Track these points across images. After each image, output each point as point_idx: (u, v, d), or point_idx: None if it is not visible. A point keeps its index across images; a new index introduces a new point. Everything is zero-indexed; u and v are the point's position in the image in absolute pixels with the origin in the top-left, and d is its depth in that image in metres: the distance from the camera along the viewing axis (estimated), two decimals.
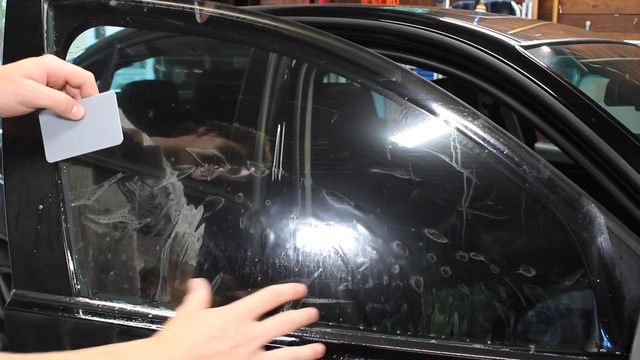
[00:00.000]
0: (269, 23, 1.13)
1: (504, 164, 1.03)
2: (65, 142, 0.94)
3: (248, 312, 0.86)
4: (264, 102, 1.24)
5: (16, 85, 0.87)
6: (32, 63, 0.90)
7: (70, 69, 0.92)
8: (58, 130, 0.95)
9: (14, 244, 1.16)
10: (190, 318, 0.85)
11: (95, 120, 0.93)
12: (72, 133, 0.94)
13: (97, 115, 0.93)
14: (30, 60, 0.90)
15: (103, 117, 0.93)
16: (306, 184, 1.15)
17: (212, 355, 0.80)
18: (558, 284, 1.03)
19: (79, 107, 0.92)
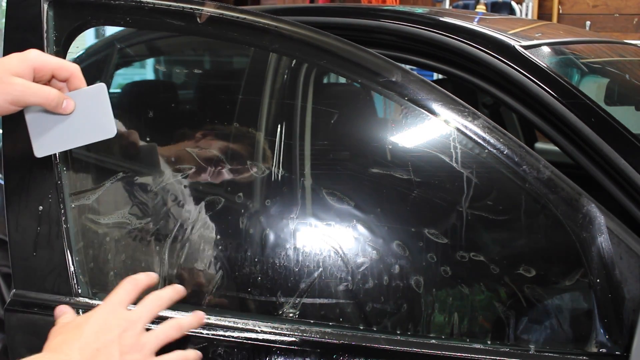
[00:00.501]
0: (269, 23, 1.13)
1: (504, 164, 1.03)
2: (54, 136, 0.92)
3: (119, 302, 0.92)
4: (264, 102, 1.24)
5: (4, 84, 0.86)
6: (18, 60, 0.88)
7: (56, 63, 0.91)
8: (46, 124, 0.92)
9: (14, 244, 1.16)
10: (70, 325, 0.91)
11: (85, 113, 0.91)
12: (61, 127, 0.91)
13: (88, 108, 0.91)
14: (16, 57, 0.89)
15: (94, 109, 0.91)
16: (306, 184, 1.15)
17: (104, 346, 0.85)
18: (558, 284, 1.03)
19: (69, 101, 0.91)
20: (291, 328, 1.06)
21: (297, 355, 1.03)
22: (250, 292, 1.12)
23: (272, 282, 1.10)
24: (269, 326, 1.06)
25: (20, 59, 0.88)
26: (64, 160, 1.15)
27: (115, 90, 1.70)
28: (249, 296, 1.12)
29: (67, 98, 0.91)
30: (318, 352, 1.03)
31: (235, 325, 1.07)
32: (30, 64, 0.88)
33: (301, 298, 1.09)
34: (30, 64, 0.88)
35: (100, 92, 0.92)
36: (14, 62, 0.87)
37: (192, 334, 1.08)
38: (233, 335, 1.06)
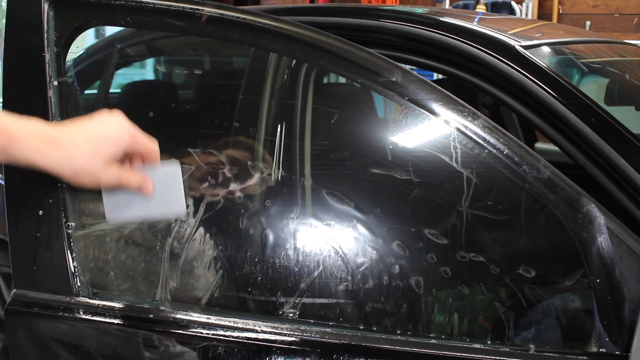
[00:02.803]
0: (269, 23, 1.13)
1: (504, 164, 1.03)
2: (126, 206, 0.92)
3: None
4: (264, 102, 1.24)
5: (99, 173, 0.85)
6: (113, 145, 0.86)
7: (144, 147, 0.90)
8: (119, 193, 0.92)
9: (14, 244, 1.16)
10: None
11: (158, 189, 0.92)
12: (134, 198, 0.92)
13: (160, 184, 0.92)
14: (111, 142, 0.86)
15: (167, 186, 0.92)
16: (306, 184, 1.15)
17: None
18: (558, 284, 1.03)
19: (149, 184, 0.90)
20: (291, 328, 1.06)
21: (297, 355, 1.03)
22: (250, 292, 1.12)
23: (272, 282, 1.10)
24: (269, 326, 1.06)
25: (116, 145, 0.86)
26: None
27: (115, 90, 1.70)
28: (249, 296, 1.12)
29: (147, 182, 0.90)
30: (318, 352, 1.03)
31: (235, 325, 1.07)
32: (123, 148, 0.87)
33: (301, 298, 1.09)
34: (123, 147, 0.87)
35: (174, 172, 0.93)
36: (109, 148, 0.85)
37: (192, 334, 1.08)
38: (233, 335, 1.06)
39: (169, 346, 1.09)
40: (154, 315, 1.10)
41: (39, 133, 0.82)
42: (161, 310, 1.11)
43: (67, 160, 0.83)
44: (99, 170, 0.84)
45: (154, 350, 1.10)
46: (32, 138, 0.82)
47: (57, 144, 0.82)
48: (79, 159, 0.83)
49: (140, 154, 0.90)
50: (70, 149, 0.83)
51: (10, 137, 0.80)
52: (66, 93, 1.16)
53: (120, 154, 0.87)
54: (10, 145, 0.80)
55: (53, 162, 0.82)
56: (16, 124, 0.82)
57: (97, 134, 0.85)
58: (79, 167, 0.83)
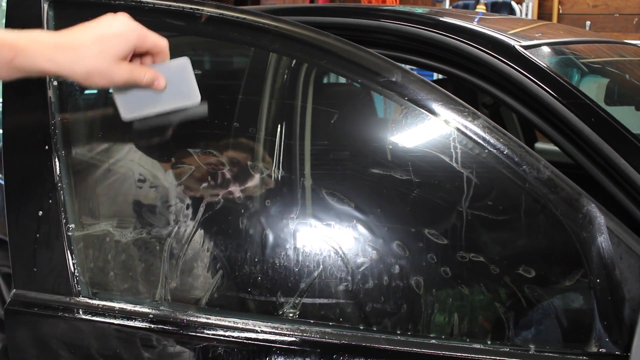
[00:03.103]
0: (269, 23, 1.13)
1: (504, 164, 1.03)
2: (139, 100, 0.92)
3: None
4: (264, 102, 1.24)
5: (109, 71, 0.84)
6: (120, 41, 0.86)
7: (152, 42, 0.90)
8: (130, 90, 0.92)
9: (14, 244, 1.16)
10: None
11: (171, 83, 0.92)
12: (146, 93, 0.92)
13: (173, 78, 0.92)
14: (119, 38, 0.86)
15: (179, 80, 0.93)
16: (306, 184, 1.15)
17: None
18: (558, 284, 1.03)
19: (161, 79, 0.90)
20: (291, 328, 1.06)
21: (297, 355, 1.03)
22: (250, 292, 1.12)
23: (272, 282, 1.10)
24: (269, 326, 1.06)
25: (125, 42, 0.86)
26: (64, 160, 1.15)
27: None
28: (249, 296, 1.12)
29: (159, 76, 0.90)
30: (318, 352, 1.03)
31: (235, 325, 1.07)
32: (132, 45, 0.87)
33: (301, 298, 1.09)
34: (132, 44, 0.87)
35: (185, 66, 0.94)
36: (118, 46, 0.85)
37: (192, 334, 1.08)
38: (233, 335, 1.06)
39: (168, 346, 1.09)
40: (154, 316, 1.10)
41: (44, 40, 0.82)
42: (161, 310, 1.11)
43: (77, 62, 0.82)
44: (110, 68, 0.84)
45: (154, 351, 1.10)
46: (38, 46, 0.81)
47: (65, 47, 0.82)
48: (89, 59, 0.82)
49: (150, 52, 0.90)
50: (79, 49, 0.82)
51: (14, 49, 0.79)
52: (66, 93, 1.16)
53: (129, 51, 0.86)
54: (16, 57, 0.79)
55: (63, 66, 0.82)
56: (18, 35, 0.81)
57: (104, 32, 0.85)
58: (90, 67, 0.83)
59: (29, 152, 1.15)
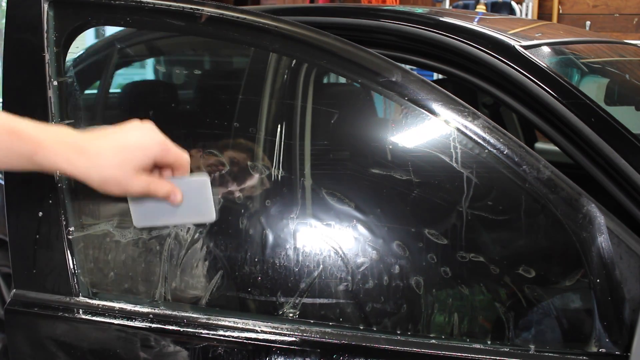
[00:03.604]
0: (269, 23, 1.13)
1: (504, 164, 1.03)
2: (153, 210, 0.91)
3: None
4: (264, 102, 1.24)
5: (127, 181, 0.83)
6: (142, 154, 0.84)
7: (174, 158, 0.88)
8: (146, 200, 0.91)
9: (14, 244, 1.16)
10: None
11: (187, 198, 0.90)
12: (162, 204, 0.91)
13: (190, 193, 0.90)
14: (141, 151, 0.84)
15: (195, 196, 0.91)
16: (306, 184, 1.15)
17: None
18: (558, 284, 1.03)
19: (177, 193, 0.88)
20: (291, 328, 1.06)
21: (297, 355, 1.03)
22: (250, 292, 1.12)
23: (272, 282, 1.10)
24: (269, 326, 1.06)
25: (145, 154, 0.84)
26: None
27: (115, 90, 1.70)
28: (249, 296, 1.12)
29: (176, 191, 0.88)
30: (318, 352, 1.03)
31: (235, 325, 1.07)
32: (153, 158, 0.85)
33: (301, 298, 1.09)
34: (153, 157, 0.85)
35: (203, 183, 0.92)
36: (138, 157, 0.84)
37: (192, 334, 1.08)
38: (233, 335, 1.06)
39: (168, 346, 1.09)
40: (154, 316, 1.10)
41: (66, 141, 0.81)
42: (161, 310, 1.11)
43: (95, 169, 0.82)
44: (128, 179, 0.83)
45: (154, 351, 1.10)
46: (60, 146, 0.81)
47: (85, 152, 0.81)
48: (107, 168, 0.82)
49: (170, 165, 0.88)
50: (99, 157, 0.82)
51: (37, 145, 0.79)
52: (66, 93, 1.16)
53: (149, 164, 0.85)
54: (37, 153, 0.80)
55: (81, 170, 0.81)
56: (43, 131, 0.81)
57: (126, 142, 0.84)
58: (107, 176, 0.82)
59: None
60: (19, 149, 0.79)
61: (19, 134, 0.79)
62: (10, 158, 0.80)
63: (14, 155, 0.80)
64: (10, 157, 0.80)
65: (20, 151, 0.79)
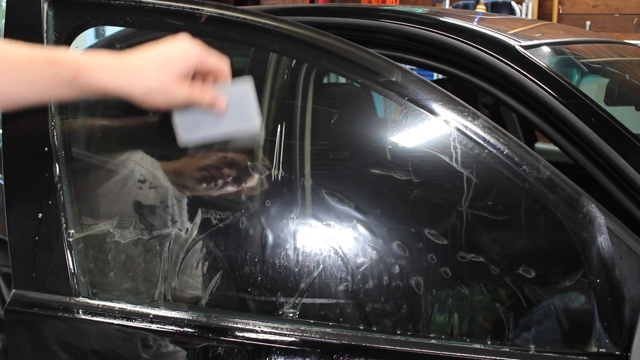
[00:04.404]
0: (269, 23, 1.13)
1: (504, 164, 1.03)
2: (198, 125, 0.90)
3: None
4: (264, 102, 1.24)
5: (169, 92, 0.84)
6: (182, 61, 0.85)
7: (213, 63, 0.88)
8: (190, 114, 0.91)
9: (14, 244, 1.16)
10: None
11: (231, 106, 0.90)
12: (206, 117, 0.90)
13: (234, 100, 0.90)
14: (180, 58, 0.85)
15: (239, 102, 0.90)
16: (306, 184, 1.15)
17: None
18: (558, 284, 1.03)
19: (222, 100, 0.88)
20: (291, 328, 1.06)
21: (297, 355, 1.03)
22: (250, 292, 1.12)
23: (272, 282, 1.10)
24: (269, 326, 1.06)
25: (185, 62, 0.86)
26: (64, 159, 1.15)
27: None
28: (249, 296, 1.12)
29: (220, 98, 0.89)
30: (318, 352, 1.03)
31: (235, 325, 1.07)
32: (192, 65, 0.86)
33: (301, 298, 1.09)
34: (192, 64, 0.86)
35: (247, 86, 0.91)
36: (179, 66, 0.85)
37: (192, 334, 1.08)
38: (233, 335, 1.06)
39: (168, 346, 1.09)
40: (154, 316, 1.10)
41: (105, 61, 0.83)
42: (161, 310, 1.11)
43: (138, 81, 0.83)
44: (170, 88, 0.84)
45: (154, 351, 1.10)
46: (99, 65, 0.82)
47: (127, 67, 0.82)
48: (149, 78, 0.83)
49: (211, 73, 0.89)
50: (141, 70, 0.83)
51: (77, 68, 0.80)
52: None
53: (190, 72, 0.86)
54: (78, 75, 0.80)
55: (123, 85, 0.82)
56: (81, 57, 0.82)
57: (165, 53, 0.85)
58: (150, 86, 0.83)
59: (29, 152, 1.15)
60: (59, 76, 0.80)
61: (59, 62, 0.80)
62: (50, 87, 0.80)
63: (54, 83, 0.80)
64: (50, 86, 0.80)
65: (61, 77, 0.80)
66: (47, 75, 0.80)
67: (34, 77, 0.80)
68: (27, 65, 0.80)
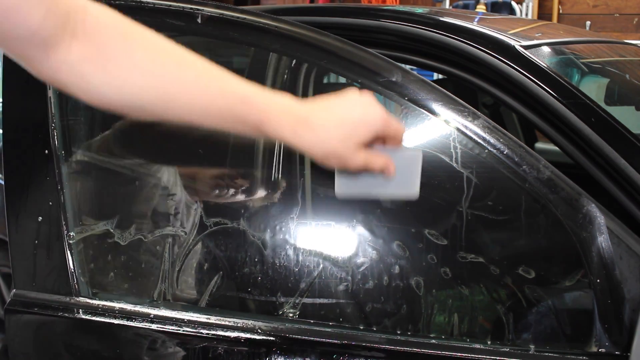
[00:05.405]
0: (269, 23, 1.13)
1: (504, 164, 1.03)
2: (358, 183, 0.90)
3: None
4: None
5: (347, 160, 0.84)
6: (366, 130, 0.84)
7: (394, 130, 0.87)
8: None
9: (14, 244, 1.16)
10: None
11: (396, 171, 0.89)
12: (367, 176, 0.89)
13: (399, 166, 0.89)
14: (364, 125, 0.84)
15: (404, 169, 0.89)
16: (306, 184, 1.15)
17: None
18: (558, 284, 1.03)
19: (391, 166, 0.87)
20: (291, 328, 1.06)
21: (297, 355, 1.03)
22: (250, 292, 1.12)
23: (272, 282, 1.10)
24: (269, 326, 1.06)
25: (368, 130, 0.84)
26: (64, 160, 1.15)
27: None
28: (249, 296, 1.12)
29: (390, 164, 0.87)
30: (318, 352, 1.03)
31: (235, 325, 1.07)
32: (375, 133, 0.85)
33: (301, 298, 1.09)
34: (375, 132, 0.85)
35: (416, 158, 0.91)
36: (361, 133, 0.83)
37: (192, 334, 1.08)
38: (233, 335, 1.06)
39: (168, 346, 1.09)
40: (154, 316, 1.10)
41: (292, 112, 0.82)
42: (161, 310, 1.11)
43: (319, 142, 0.82)
44: (349, 154, 0.83)
45: (154, 351, 1.10)
46: (287, 117, 0.82)
47: (311, 126, 0.82)
48: (330, 142, 0.82)
49: (386, 137, 0.88)
50: (324, 131, 0.82)
51: (266, 115, 0.81)
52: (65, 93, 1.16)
53: (371, 139, 0.85)
54: (266, 123, 0.81)
55: (305, 143, 0.82)
56: (271, 101, 0.82)
57: (350, 117, 0.84)
58: (330, 150, 0.83)
59: (29, 152, 1.15)
60: (249, 118, 0.81)
61: (251, 103, 0.80)
62: (237, 123, 0.81)
63: (241, 122, 0.81)
64: (237, 122, 0.81)
65: (250, 120, 0.81)
66: (235, 112, 0.81)
67: (222, 109, 0.81)
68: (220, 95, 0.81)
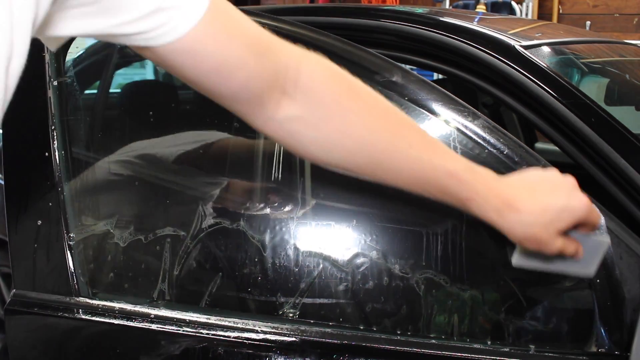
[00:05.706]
0: (269, 23, 1.13)
1: (504, 164, 1.03)
2: (537, 256, 0.89)
3: None
4: None
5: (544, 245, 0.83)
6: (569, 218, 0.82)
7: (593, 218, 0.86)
8: None
9: (14, 244, 1.16)
10: None
11: None
12: None
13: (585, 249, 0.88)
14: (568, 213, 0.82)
15: (588, 252, 0.88)
16: (306, 183, 1.14)
17: None
18: (558, 284, 1.03)
19: (580, 251, 0.87)
20: (291, 328, 1.06)
21: (297, 355, 1.03)
22: (250, 292, 1.12)
23: (272, 282, 1.10)
24: (269, 326, 1.06)
25: (572, 218, 0.83)
26: (64, 159, 1.15)
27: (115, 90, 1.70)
28: (249, 296, 1.12)
29: (580, 249, 0.86)
30: (318, 352, 1.03)
31: (235, 325, 1.07)
32: (577, 221, 0.84)
33: (301, 298, 1.09)
34: (577, 220, 0.84)
35: (602, 245, 0.90)
36: (565, 221, 0.83)
37: (192, 333, 1.08)
38: (233, 335, 1.06)
39: (168, 346, 1.09)
40: (154, 316, 1.10)
41: (498, 194, 0.82)
42: (161, 310, 1.11)
43: (522, 227, 0.82)
44: (548, 240, 0.82)
45: (154, 351, 1.10)
46: (492, 198, 0.81)
47: (516, 209, 0.81)
48: (532, 227, 0.82)
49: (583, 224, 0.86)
50: (528, 216, 0.82)
51: (473, 194, 0.81)
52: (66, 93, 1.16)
53: (571, 226, 0.84)
54: (472, 201, 0.81)
55: (508, 225, 0.82)
56: (477, 178, 0.82)
57: (555, 204, 0.83)
58: (531, 235, 0.82)
59: (29, 152, 1.15)
60: (455, 192, 0.81)
61: (458, 178, 0.81)
62: (443, 194, 0.82)
63: (447, 194, 0.82)
64: (443, 194, 0.82)
65: (456, 195, 0.81)
66: (442, 184, 0.81)
67: (430, 180, 0.82)
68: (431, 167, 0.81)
